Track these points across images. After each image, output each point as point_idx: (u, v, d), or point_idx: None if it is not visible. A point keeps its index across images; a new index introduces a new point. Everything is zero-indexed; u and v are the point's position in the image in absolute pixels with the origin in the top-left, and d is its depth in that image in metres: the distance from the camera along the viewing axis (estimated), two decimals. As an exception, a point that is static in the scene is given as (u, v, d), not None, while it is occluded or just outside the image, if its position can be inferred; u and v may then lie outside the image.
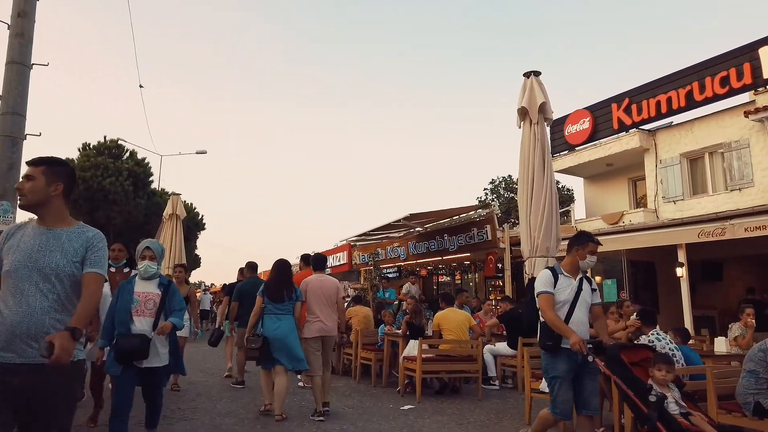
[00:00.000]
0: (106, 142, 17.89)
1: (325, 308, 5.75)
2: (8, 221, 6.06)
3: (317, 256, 6.27)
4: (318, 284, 5.82)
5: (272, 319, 5.42)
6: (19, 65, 6.19)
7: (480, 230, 13.13)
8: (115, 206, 16.42)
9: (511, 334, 7.37)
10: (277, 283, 5.55)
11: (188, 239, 23.85)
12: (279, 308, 5.47)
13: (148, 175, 18.29)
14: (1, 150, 5.94)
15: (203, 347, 10.96)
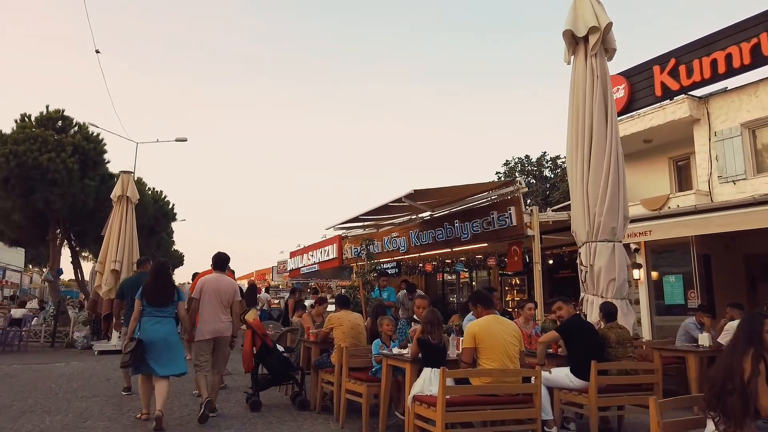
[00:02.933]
0: (49, 112, 15.24)
1: (219, 309, 5.82)
2: None
3: (218, 255, 6.20)
4: (215, 285, 5.87)
5: (151, 322, 5.44)
6: None
7: (501, 214, 10.76)
8: (56, 188, 13.86)
9: (577, 355, 4.92)
10: (155, 286, 5.55)
11: (154, 231, 21.30)
12: (159, 311, 5.49)
13: (100, 152, 15.73)
14: None
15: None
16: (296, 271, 20.74)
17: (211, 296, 5.77)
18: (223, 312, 5.81)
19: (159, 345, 5.35)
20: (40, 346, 13.71)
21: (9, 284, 39.33)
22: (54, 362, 10.26)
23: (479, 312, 4.83)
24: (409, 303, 10.02)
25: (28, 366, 9.66)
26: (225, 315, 5.83)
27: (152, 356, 5.31)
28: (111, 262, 12.71)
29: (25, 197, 14.10)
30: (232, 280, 6.23)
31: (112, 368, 9.45)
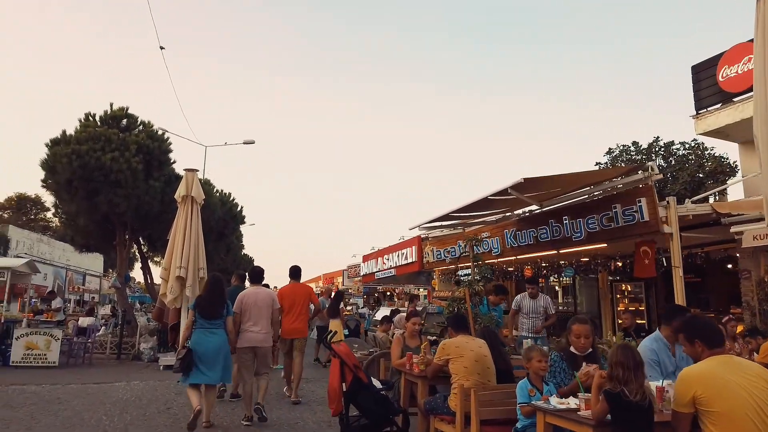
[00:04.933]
0: (113, 110, 14.56)
1: (259, 320, 6.32)
2: None
3: (254, 269, 7.15)
4: (253, 297, 6.45)
5: (202, 333, 5.75)
6: None
7: (628, 207, 8.83)
8: (120, 189, 13.04)
9: None
10: (209, 299, 5.92)
11: (223, 234, 20.49)
12: (210, 323, 5.79)
13: (165, 151, 14.89)
14: None
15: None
16: (370, 276, 19.36)
17: (251, 309, 6.35)
18: (261, 323, 6.33)
19: (209, 355, 5.67)
20: (106, 359, 12.92)
21: (89, 290, 40.29)
22: (114, 381, 9.23)
23: (698, 352, 3.07)
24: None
25: (84, 387, 8.65)
26: (263, 326, 6.35)
27: (202, 365, 5.63)
28: (176, 268, 11.58)
29: (90, 200, 13.39)
30: (269, 291, 6.83)
31: (175, 391, 8.29)
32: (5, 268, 11.95)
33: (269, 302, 6.47)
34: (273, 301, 6.55)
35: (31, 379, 9.20)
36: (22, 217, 51.72)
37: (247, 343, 6.22)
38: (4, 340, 11.34)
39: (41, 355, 10.96)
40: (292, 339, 7.69)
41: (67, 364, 11.51)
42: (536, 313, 8.28)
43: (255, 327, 6.29)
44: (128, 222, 14.72)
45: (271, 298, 6.55)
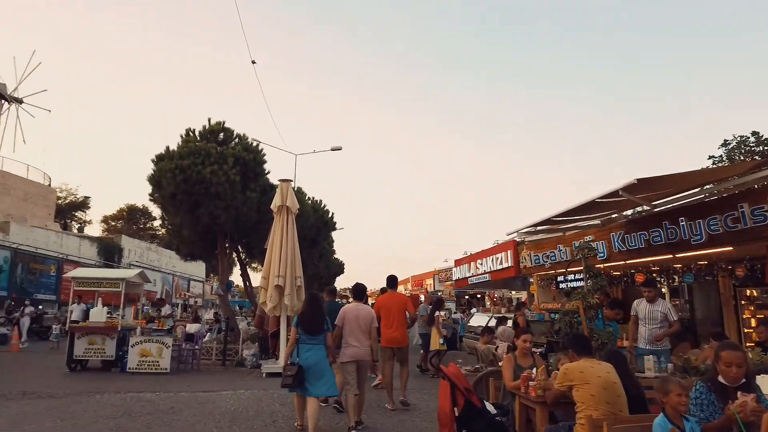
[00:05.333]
0: (211, 125, 15.20)
1: (360, 335, 6.56)
2: None
3: (356, 286, 7.22)
4: (354, 313, 6.65)
5: (305, 348, 6.07)
6: None
7: (757, 207, 7.94)
8: (220, 201, 13.54)
9: None
10: (311, 316, 6.19)
11: (316, 241, 20.87)
12: (312, 339, 6.09)
13: (260, 162, 15.34)
14: None
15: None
16: (463, 281, 18.96)
17: (352, 323, 6.59)
18: (362, 338, 6.57)
19: (312, 369, 5.97)
20: (212, 364, 13.47)
21: (193, 295, 42.64)
22: (221, 390, 9.51)
23: None
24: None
25: (194, 395, 8.96)
26: (364, 340, 6.58)
27: (308, 378, 5.94)
28: (274, 277, 11.92)
29: (192, 212, 14.06)
30: (369, 308, 7.01)
31: (279, 402, 8.38)
32: (120, 279, 12.75)
33: (370, 319, 6.74)
34: (373, 319, 6.82)
35: (146, 386, 9.69)
36: (133, 226, 55.82)
37: (349, 358, 6.49)
38: (121, 347, 12.10)
39: (154, 362, 11.57)
40: (392, 348, 7.96)
41: (177, 370, 12.08)
42: (654, 319, 7.51)
43: (356, 342, 6.55)
44: (228, 232, 15.34)
45: (372, 315, 6.84)
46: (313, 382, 5.94)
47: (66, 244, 30.50)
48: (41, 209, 35.23)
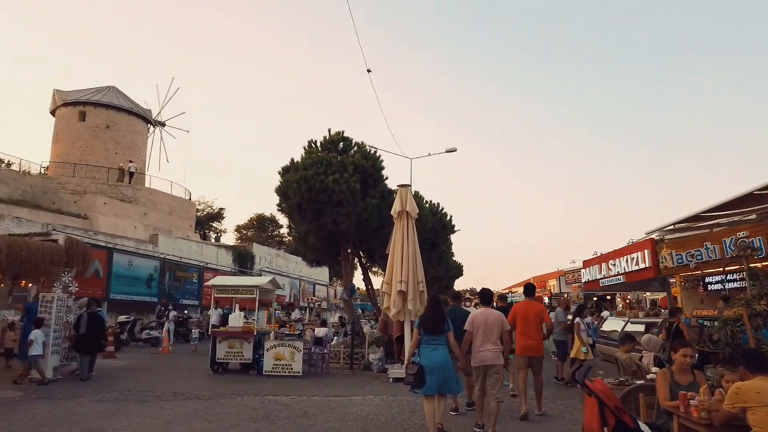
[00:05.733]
0: (331, 135, 15.68)
1: (489, 339, 6.72)
2: None
3: (484, 293, 7.53)
4: (483, 318, 6.85)
5: (428, 349, 6.32)
6: None
7: None
8: (341, 208, 13.94)
9: None
10: (432, 317, 6.47)
11: (435, 245, 20.75)
12: (434, 339, 6.36)
13: (378, 169, 15.58)
14: None
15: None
16: (593, 282, 17.83)
17: (481, 328, 6.77)
18: (492, 342, 6.72)
19: (435, 368, 6.18)
20: (340, 368, 13.82)
21: (319, 299, 44.42)
22: (351, 395, 9.68)
23: None
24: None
25: (326, 400, 9.20)
26: (494, 345, 6.73)
27: (431, 377, 6.15)
28: (397, 282, 11.96)
29: (317, 220, 14.56)
30: (499, 313, 7.10)
31: (409, 408, 8.35)
32: (255, 286, 13.52)
33: (498, 323, 6.84)
34: (502, 323, 6.89)
35: (281, 390, 10.13)
36: (262, 234, 59.54)
37: (480, 362, 6.71)
38: (257, 350, 12.80)
39: (287, 366, 12.10)
40: (527, 356, 7.87)
41: (308, 373, 12.54)
42: None
43: (485, 346, 6.71)
44: (350, 238, 15.70)
45: (500, 320, 6.90)
46: (437, 380, 6.16)
47: (205, 252, 33.16)
48: (183, 222, 38.68)
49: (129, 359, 15.61)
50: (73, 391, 9.76)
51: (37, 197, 30.56)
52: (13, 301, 15.08)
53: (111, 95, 38.79)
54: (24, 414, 7.77)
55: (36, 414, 7.77)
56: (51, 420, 7.42)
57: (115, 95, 39.15)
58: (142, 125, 40.59)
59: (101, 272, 22.40)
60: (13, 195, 29.18)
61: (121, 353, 16.73)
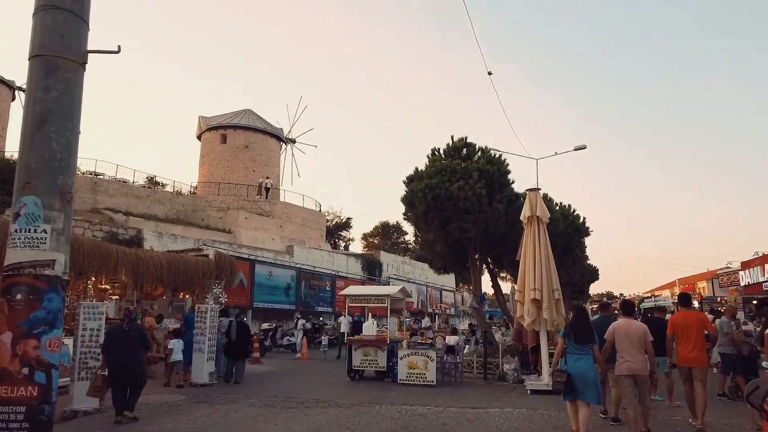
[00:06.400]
0: (454, 142, 15.58)
1: (632, 349, 6.75)
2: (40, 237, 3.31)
3: (625, 303, 7.81)
4: (624, 328, 6.91)
5: (574, 358, 6.55)
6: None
7: None
8: (468, 215, 13.81)
9: None
10: (579, 327, 6.68)
11: (568, 248, 19.76)
12: (579, 349, 6.57)
13: (504, 173, 15.18)
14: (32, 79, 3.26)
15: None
16: (755, 286, 15.84)
17: (623, 338, 6.82)
18: (637, 352, 6.74)
19: (580, 377, 6.39)
20: (474, 377, 13.57)
21: (446, 305, 44.27)
22: (488, 407, 9.42)
23: None
24: None
25: (463, 411, 9.03)
26: (640, 354, 6.74)
27: (575, 385, 6.39)
28: (530, 290, 11.51)
29: (443, 228, 14.50)
30: (641, 324, 7.16)
31: (551, 424, 7.94)
32: (386, 296, 13.74)
33: (641, 333, 6.83)
34: (645, 333, 6.85)
35: (416, 399, 10.13)
36: (387, 241, 60.79)
37: (626, 372, 6.74)
38: (391, 358, 12.96)
39: (421, 375, 12.10)
40: (689, 368, 7.71)
41: (442, 382, 12.45)
42: None
43: (630, 356, 6.74)
44: (478, 245, 15.44)
45: (643, 330, 6.88)
46: (581, 388, 6.39)
47: (336, 261, 34.49)
48: (315, 232, 40.62)
49: (273, 365, 16.59)
50: (228, 395, 10.52)
51: (188, 215, 33.79)
52: (173, 310, 16.71)
53: (248, 118, 41.96)
54: (188, 417, 8.51)
55: (197, 418, 8.46)
56: (210, 424, 8.05)
57: (251, 117, 42.27)
58: (275, 143, 43.39)
59: (245, 282, 24.11)
60: (169, 214, 32.53)
61: (265, 359, 17.84)
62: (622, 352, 6.79)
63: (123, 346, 8.25)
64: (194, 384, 11.67)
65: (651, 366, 6.84)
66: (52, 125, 3.82)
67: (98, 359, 8.94)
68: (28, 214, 3.71)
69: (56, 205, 3.80)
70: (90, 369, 8.88)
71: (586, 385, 6.39)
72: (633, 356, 6.71)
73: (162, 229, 26.84)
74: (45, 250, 3.70)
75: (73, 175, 4.02)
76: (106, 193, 30.03)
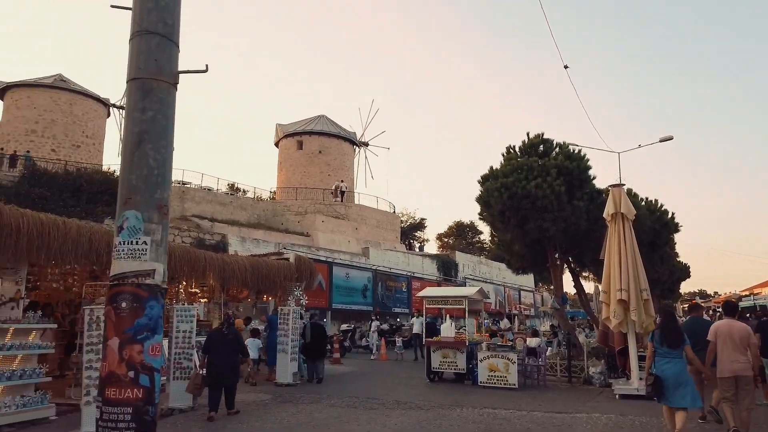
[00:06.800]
0: (530, 139, 15.17)
1: (735, 350, 6.62)
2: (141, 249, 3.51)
3: (728, 304, 7.83)
4: (727, 329, 6.76)
5: (664, 361, 6.50)
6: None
7: None
8: (547, 214, 13.44)
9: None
10: (668, 330, 6.65)
11: (655, 245, 18.76)
12: (670, 352, 6.51)
13: (584, 170, 14.62)
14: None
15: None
16: None
17: (725, 339, 6.68)
18: (739, 353, 6.61)
19: (671, 380, 6.33)
20: (557, 381, 13.17)
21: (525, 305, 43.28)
22: (574, 412, 9.12)
23: None
24: None
25: (548, 416, 8.79)
26: (742, 356, 6.61)
27: (669, 390, 6.32)
28: (616, 291, 11.02)
29: (521, 227, 14.15)
30: (743, 325, 6.99)
31: (642, 431, 7.57)
32: (463, 297, 13.61)
33: (744, 334, 6.72)
34: (749, 335, 6.76)
35: (498, 402, 9.96)
36: (462, 241, 60.20)
37: (729, 373, 6.63)
38: (470, 360, 12.82)
39: (502, 377, 11.89)
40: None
41: (524, 386, 12.17)
42: None
43: (733, 357, 6.62)
44: (558, 244, 14.97)
45: (746, 331, 6.79)
46: (673, 392, 6.32)
47: (411, 262, 34.57)
48: (389, 233, 40.91)
49: (352, 365, 16.87)
50: (311, 395, 10.80)
51: (268, 219, 35.01)
52: (257, 312, 17.36)
53: (322, 123, 42.98)
54: (274, 416, 8.81)
55: (283, 417, 8.75)
56: (296, 423, 8.30)
57: (325, 123, 43.26)
58: (348, 147, 44.15)
59: (324, 285, 24.68)
60: (250, 219, 33.85)
61: (345, 359, 18.17)
62: (724, 353, 6.69)
63: (222, 348, 8.88)
64: (279, 384, 12.07)
65: (754, 367, 6.71)
66: (149, 143, 4.13)
67: (191, 360, 9.49)
68: (129, 227, 4.02)
69: (154, 218, 4.10)
70: (183, 369, 9.40)
71: (679, 389, 6.33)
72: (736, 357, 6.62)
73: (244, 233, 27.98)
74: (146, 260, 3.99)
75: (169, 189, 4.30)
76: (193, 201, 31.68)
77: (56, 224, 8.38)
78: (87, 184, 26.42)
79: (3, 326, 7.72)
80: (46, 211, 9.31)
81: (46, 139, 36.15)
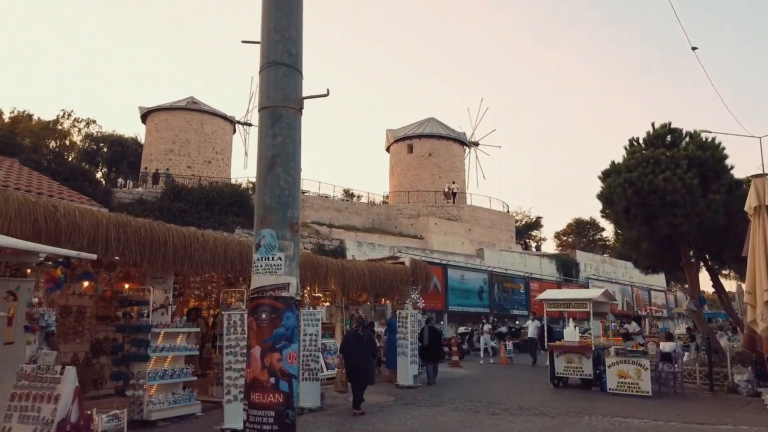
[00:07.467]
0: (656, 129, 14.23)
1: None
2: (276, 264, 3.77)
3: None
4: None
5: None
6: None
7: None
8: (678, 209, 12.50)
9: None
10: None
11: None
12: None
13: (719, 159, 13.43)
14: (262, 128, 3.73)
15: None
16: None
17: None
18: None
19: None
20: (697, 389, 12.21)
21: (656, 306, 40.34)
22: (717, 423, 8.44)
23: None
24: None
25: (687, 426, 8.22)
26: None
27: None
28: (763, 291, 10.02)
29: (648, 224, 13.30)
30: None
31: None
32: (587, 300, 13.07)
33: None
34: None
35: (630, 411, 9.45)
36: (582, 239, 57.48)
37: None
38: (598, 365, 12.26)
39: (634, 384, 11.25)
40: None
41: (658, 393, 11.42)
42: None
43: None
44: (692, 240, 13.89)
45: None
46: None
47: (528, 263, 33.68)
48: (504, 234, 40.15)
49: (471, 368, 16.81)
50: (432, 399, 10.95)
51: (382, 223, 35.86)
52: (376, 315, 17.87)
53: (431, 126, 43.26)
54: (398, 418, 9.06)
55: (407, 420, 8.97)
56: (420, 426, 8.48)
57: (434, 125, 43.48)
58: (458, 148, 44.00)
59: (439, 287, 24.80)
60: (365, 223, 34.90)
61: (463, 362, 18.14)
62: None
63: (356, 349, 9.51)
64: (400, 386, 12.36)
65: None
66: (280, 166, 4.51)
67: (317, 362, 10.06)
68: (266, 244, 4.42)
69: (287, 235, 4.47)
70: (311, 370, 9.97)
71: None
72: None
73: (360, 238, 28.91)
74: (281, 275, 4.37)
75: (298, 208, 4.66)
76: (312, 208, 33.29)
77: (196, 237, 9.27)
78: (218, 196, 28.81)
79: (155, 330, 8.66)
80: (186, 224, 10.34)
81: (182, 156, 39.87)
